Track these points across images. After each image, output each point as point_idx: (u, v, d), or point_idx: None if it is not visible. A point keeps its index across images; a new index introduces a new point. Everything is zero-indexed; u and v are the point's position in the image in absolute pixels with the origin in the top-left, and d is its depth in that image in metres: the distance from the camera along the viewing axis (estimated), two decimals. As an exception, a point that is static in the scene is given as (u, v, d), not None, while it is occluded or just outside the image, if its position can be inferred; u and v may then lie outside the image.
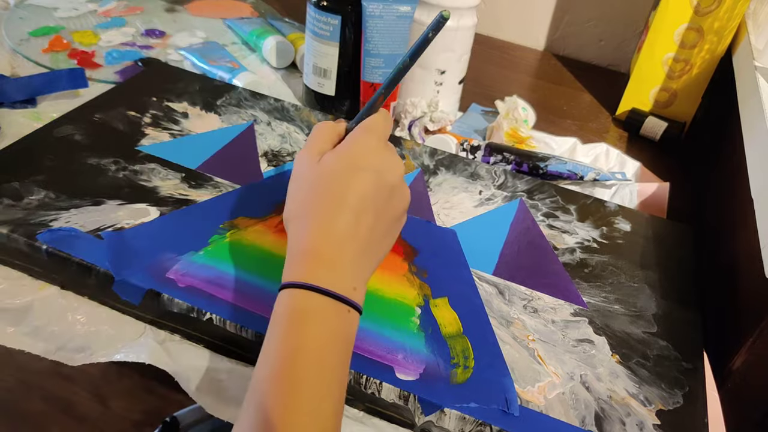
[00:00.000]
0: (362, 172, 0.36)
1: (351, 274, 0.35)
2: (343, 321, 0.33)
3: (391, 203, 0.37)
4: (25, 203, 0.47)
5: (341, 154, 0.37)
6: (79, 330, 0.43)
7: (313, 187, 0.36)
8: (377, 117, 0.39)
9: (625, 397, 0.40)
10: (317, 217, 0.35)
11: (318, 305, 0.33)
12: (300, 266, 0.34)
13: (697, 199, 0.69)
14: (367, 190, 0.36)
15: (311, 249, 0.34)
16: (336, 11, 0.62)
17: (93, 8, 0.86)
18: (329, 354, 0.32)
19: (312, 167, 0.37)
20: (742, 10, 0.70)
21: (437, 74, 0.67)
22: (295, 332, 0.32)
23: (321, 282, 0.33)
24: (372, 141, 0.38)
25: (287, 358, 0.31)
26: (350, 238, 0.35)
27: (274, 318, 0.33)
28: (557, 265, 0.50)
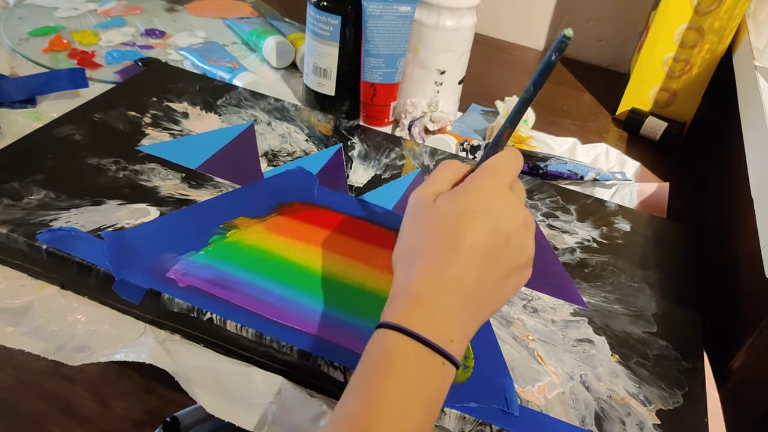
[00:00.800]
0: (476, 217, 0.34)
1: (451, 324, 0.33)
2: (433, 371, 0.32)
3: (506, 253, 0.35)
4: (25, 203, 0.47)
5: (457, 195, 0.35)
6: (79, 330, 0.43)
7: (423, 229, 0.35)
8: (501, 156, 0.37)
9: (625, 397, 0.40)
10: (424, 260, 0.34)
11: (409, 350, 0.31)
12: (399, 307, 0.33)
13: (697, 199, 0.69)
14: (479, 236, 0.34)
15: (413, 292, 0.33)
16: (336, 11, 0.62)
17: (93, 8, 0.86)
18: (414, 402, 0.30)
19: (426, 207, 0.35)
20: (742, 9, 0.70)
21: (437, 74, 0.67)
22: (381, 373, 0.31)
23: (417, 327, 0.32)
24: (492, 182, 0.35)
25: (368, 400, 0.30)
26: (456, 285, 0.33)
27: (364, 356, 0.32)
28: (557, 265, 0.50)
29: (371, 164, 0.59)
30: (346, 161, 0.59)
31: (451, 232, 0.34)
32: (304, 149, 0.59)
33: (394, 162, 0.60)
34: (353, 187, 0.55)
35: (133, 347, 0.42)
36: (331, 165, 0.58)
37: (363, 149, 0.61)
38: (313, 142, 0.60)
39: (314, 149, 0.59)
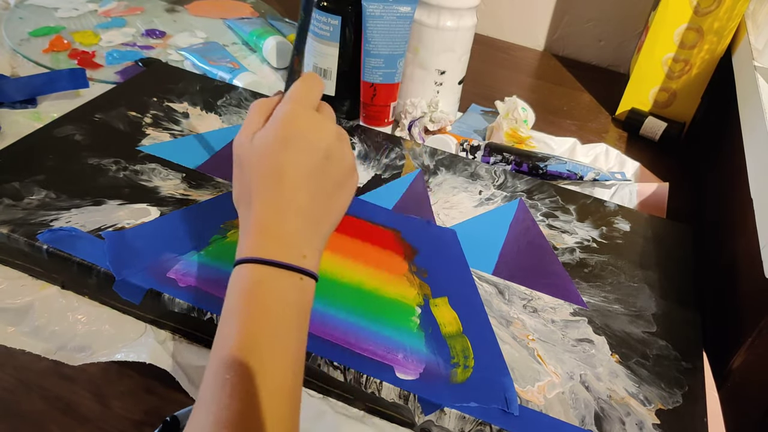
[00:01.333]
0: (290, 143, 0.36)
1: (299, 242, 0.35)
2: (295, 289, 0.34)
3: (329, 167, 0.37)
4: (25, 203, 0.47)
5: (268, 129, 0.37)
6: (80, 330, 0.43)
7: (250, 168, 0.37)
8: (297, 83, 0.39)
9: (625, 397, 0.41)
10: (258, 195, 0.36)
11: (268, 276, 0.34)
12: (247, 243, 0.35)
13: (697, 199, 0.69)
14: (297, 159, 0.36)
15: (257, 226, 0.35)
16: (336, 11, 0.62)
17: (93, 8, 0.86)
18: (284, 322, 0.33)
19: (245, 148, 0.38)
20: (741, 10, 0.70)
21: (437, 74, 0.67)
22: (248, 305, 0.33)
23: (269, 254, 0.34)
24: (295, 108, 0.38)
25: (243, 331, 0.32)
26: (292, 209, 0.36)
27: (227, 295, 0.34)
28: (557, 265, 0.51)
29: (371, 164, 0.59)
30: (346, 161, 0.59)
31: (273, 164, 0.36)
32: (304, 149, 0.59)
33: (394, 162, 0.60)
34: (353, 187, 0.55)
35: (134, 347, 0.42)
36: (331, 165, 0.58)
37: (363, 149, 0.61)
38: (313, 142, 0.60)
39: (314, 149, 0.59)
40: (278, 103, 0.39)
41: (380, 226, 0.51)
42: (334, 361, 0.40)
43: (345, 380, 0.40)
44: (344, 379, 0.40)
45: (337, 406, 0.41)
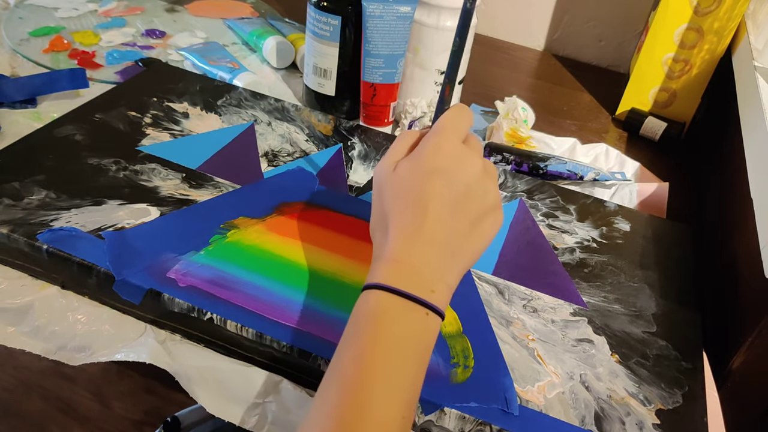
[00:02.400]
0: (434, 175, 0.36)
1: (430, 276, 0.34)
2: (418, 323, 0.33)
3: (470, 201, 0.37)
4: (25, 203, 0.47)
5: (413, 159, 0.37)
6: (80, 330, 0.43)
7: (390, 197, 0.37)
8: (447, 114, 0.39)
9: (625, 397, 0.41)
10: (395, 225, 0.36)
11: (392, 305, 0.33)
12: (379, 270, 0.34)
13: (697, 199, 0.69)
14: (440, 192, 0.36)
15: (390, 255, 0.35)
16: (336, 11, 0.62)
17: (93, 8, 0.86)
18: (400, 355, 0.32)
19: (387, 177, 0.37)
20: (741, 10, 0.70)
21: (437, 74, 0.67)
22: (369, 331, 0.32)
23: (397, 284, 0.33)
24: (442, 140, 0.37)
25: (357, 357, 0.31)
26: (429, 241, 0.35)
27: (351, 318, 0.34)
28: (557, 265, 0.51)
29: (371, 164, 0.59)
30: (346, 161, 0.59)
31: (415, 195, 0.36)
32: (304, 149, 0.59)
33: (394, 162, 0.60)
34: (353, 187, 0.55)
35: (134, 347, 0.42)
36: (331, 165, 0.58)
37: (363, 149, 0.61)
38: (314, 142, 0.60)
39: (314, 149, 0.59)
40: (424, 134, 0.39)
41: (380, 226, 0.51)
42: (334, 361, 0.39)
43: (345, 380, 0.40)
44: (344, 379, 0.40)
45: (337, 406, 0.41)
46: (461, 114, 0.39)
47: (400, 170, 0.37)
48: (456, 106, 0.40)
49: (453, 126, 0.38)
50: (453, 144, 0.37)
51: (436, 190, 0.36)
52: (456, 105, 0.40)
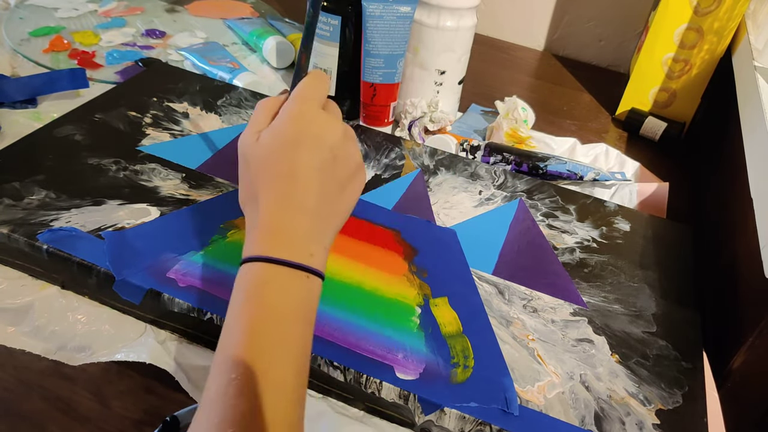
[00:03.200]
0: (297, 143, 0.36)
1: (306, 241, 0.35)
2: (302, 288, 0.34)
3: (336, 165, 0.37)
4: (25, 203, 0.47)
5: (275, 129, 0.37)
6: (80, 330, 0.43)
7: (257, 167, 0.37)
8: (304, 81, 0.39)
9: (625, 397, 0.41)
10: (265, 195, 0.36)
11: (275, 275, 0.34)
12: (255, 241, 0.35)
13: (697, 199, 0.69)
14: (305, 158, 0.36)
15: (264, 225, 0.35)
16: (336, 11, 0.62)
17: (93, 8, 0.86)
18: (289, 317, 0.33)
19: (252, 147, 0.37)
20: (741, 10, 0.70)
21: (437, 74, 0.67)
22: (254, 304, 0.33)
23: (276, 253, 0.34)
24: (302, 107, 0.38)
25: (248, 329, 0.32)
26: (299, 208, 0.36)
27: (234, 293, 0.34)
28: (557, 265, 0.51)
29: (371, 164, 0.59)
30: (346, 161, 0.59)
31: (281, 164, 0.36)
32: (304, 149, 0.59)
33: (394, 162, 0.60)
34: (353, 187, 0.55)
35: (134, 347, 0.42)
36: (331, 165, 0.58)
37: (363, 149, 0.61)
38: (313, 142, 0.60)
39: (314, 149, 0.59)
40: (284, 102, 0.39)
41: (380, 226, 0.51)
42: (334, 361, 0.40)
43: (345, 380, 0.40)
44: (344, 379, 0.40)
45: (337, 406, 0.41)
46: (318, 80, 0.39)
47: (264, 140, 0.37)
48: (312, 73, 0.40)
49: (311, 93, 0.38)
50: (313, 111, 0.38)
51: (303, 157, 0.36)
52: (312, 71, 0.40)
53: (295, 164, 0.36)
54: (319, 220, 0.36)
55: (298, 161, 0.36)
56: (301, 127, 0.37)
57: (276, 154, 0.36)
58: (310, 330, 0.34)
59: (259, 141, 0.37)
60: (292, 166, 0.36)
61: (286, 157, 0.36)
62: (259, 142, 0.37)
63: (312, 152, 0.36)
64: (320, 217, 0.37)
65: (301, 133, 0.37)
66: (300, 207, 0.36)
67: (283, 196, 0.36)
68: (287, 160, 0.36)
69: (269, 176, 0.36)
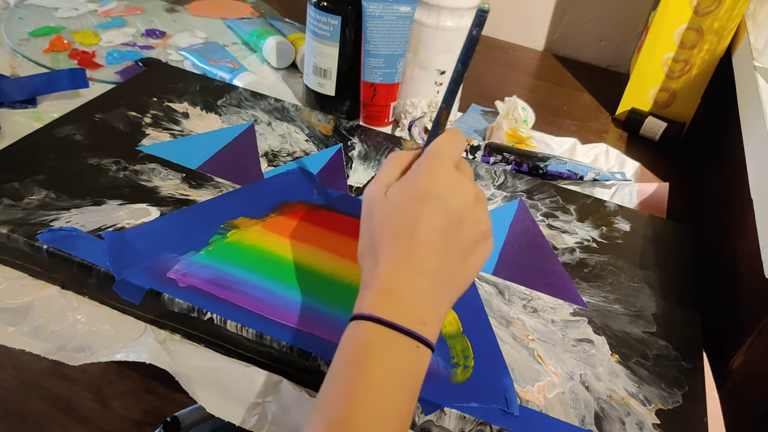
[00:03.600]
0: (426, 201, 0.35)
1: (421, 307, 0.33)
2: (409, 356, 0.32)
3: (462, 229, 0.36)
4: (25, 203, 0.47)
5: (405, 184, 0.36)
6: (80, 330, 0.43)
7: (380, 222, 0.36)
8: (441, 138, 0.37)
9: (625, 397, 0.41)
10: (385, 252, 0.35)
11: (382, 337, 0.32)
12: (368, 299, 0.33)
13: (697, 199, 0.69)
14: (429, 218, 0.34)
15: (380, 284, 0.34)
16: (336, 11, 0.62)
17: (93, 8, 0.86)
18: (391, 388, 0.31)
19: (379, 200, 0.36)
20: (741, 10, 0.70)
21: (437, 74, 0.67)
22: (357, 363, 0.31)
23: (387, 314, 0.32)
24: (436, 165, 0.36)
25: (347, 390, 0.30)
26: (420, 271, 0.34)
27: (339, 349, 0.33)
28: (557, 265, 0.51)
29: (371, 164, 0.59)
30: (346, 161, 0.59)
31: (406, 221, 0.35)
32: (304, 149, 0.59)
33: (394, 162, 0.60)
34: (353, 187, 0.55)
35: (134, 347, 0.42)
36: (331, 165, 0.58)
37: (363, 149, 0.61)
38: (313, 142, 0.60)
39: (314, 149, 0.59)
40: (416, 157, 0.38)
41: (380, 226, 0.51)
42: (334, 361, 0.39)
43: (345, 380, 0.40)
44: (344, 379, 0.40)
45: (337, 406, 0.41)
46: (455, 139, 0.38)
47: (392, 195, 0.36)
48: (450, 131, 0.38)
49: (447, 151, 0.37)
50: (446, 170, 0.36)
51: (429, 217, 0.34)
52: (450, 129, 0.39)
53: (418, 223, 0.34)
54: (438, 285, 0.34)
55: (423, 220, 0.34)
56: (431, 185, 0.35)
57: (402, 211, 0.35)
58: (413, 402, 0.32)
59: (387, 195, 0.36)
60: (417, 225, 0.34)
61: (412, 215, 0.35)
62: (387, 197, 0.36)
63: (438, 212, 0.35)
64: (439, 283, 0.35)
65: (430, 192, 0.35)
66: (419, 269, 0.34)
67: (404, 255, 0.34)
68: (412, 218, 0.35)
69: (392, 233, 0.35)
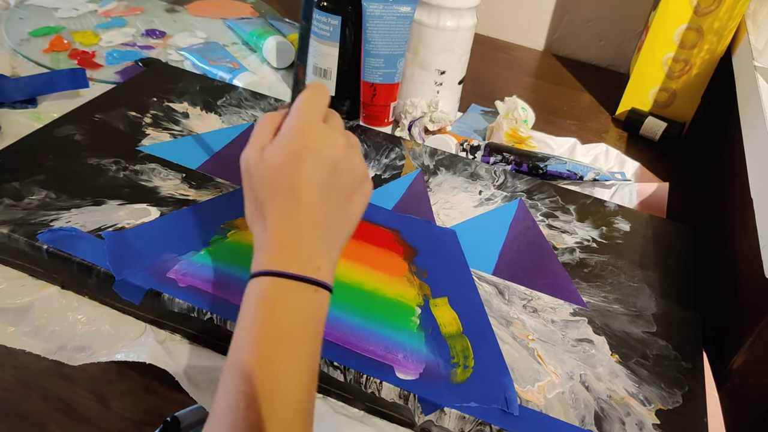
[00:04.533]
0: (299, 159, 0.36)
1: (313, 255, 0.36)
2: (310, 301, 0.35)
3: (339, 177, 0.38)
4: (25, 203, 0.47)
5: (279, 144, 0.37)
6: (80, 330, 0.43)
7: (260, 184, 0.37)
8: (304, 95, 0.39)
9: (625, 397, 0.41)
10: (272, 212, 0.36)
11: (283, 289, 0.34)
12: (263, 257, 0.36)
13: (697, 199, 0.69)
14: (307, 174, 0.36)
15: (272, 241, 0.36)
16: (336, 11, 0.62)
17: (93, 8, 0.86)
18: (298, 333, 0.33)
19: (256, 163, 0.38)
20: (741, 10, 0.70)
21: (437, 74, 0.67)
22: (263, 318, 0.33)
23: (283, 267, 0.34)
24: (304, 122, 0.38)
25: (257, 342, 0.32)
26: (305, 223, 0.36)
27: (242, 308, 0.35)
28: (557, 265, 0.51)
29: (371, 164, 0.59)
30: (346, 161, 0.59)
31: (286, 180, 0.36)
32: (304, 149, 0.59)
33: (394, 162, 0.60)
34: (353, 187, 0.55)
35: (134, 347, 0.42)
36: (331, 165, 0.58)
37: (363, 149, 0.61)
38: (313, 142, 0.60)
39: (314, 149, 0.59)
40: (286, 116, 0.39)
41: (380, 226, 0.51)
42: (334, 361, 0.40)
43: (345, 380, 0.40)
44: (344, 379, 0.40)
45: (337, 406, 0.41)
46: (317, 93, 0.39)
47: (268, 156, 0.37)
48: (311, 85, 0.40)
49: (311, 106, 0.38)
50: (314, 124, 0.38)
51: (306, 172, 0.36)
52: (310, 84, 0.40)
53: (297, 180, 0.36)
54: (326, 232, 0.37)
55: (300, 177, 0.36)
56: (302, 141, 0.37)
57: (279, 171, 0.37)
58: (318, 343, 0.35)
59: (263, 157, 0.37)
60: (295, 183, 0.36)
61: (289, 173, 0.36)
62: (263, 159, 0.37)
63: (314, 167, 0.36)
64: (327, 230, 0.37)
65: (302, 148, 0.37)
66: (306, 222, 0.36)
67: (288, 212, 0.36)
68: (290, 177, 0.36)
69: (274, 193, 0.37)
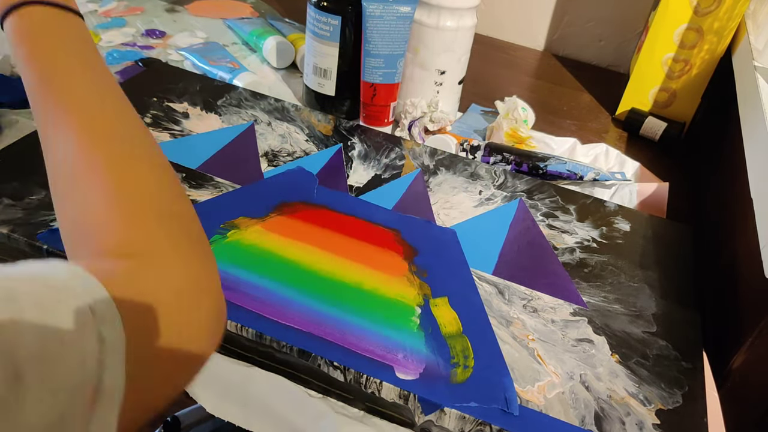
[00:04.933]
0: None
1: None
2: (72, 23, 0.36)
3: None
4: (25, 203, 0.47)
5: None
6: (80, 330, 0.43)
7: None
8: None
9: (625, 397, 0.41)
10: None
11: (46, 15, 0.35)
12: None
13: (697, 199, 0.69)
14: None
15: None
16: (336, 11, 0.62)
17: (93, 8, 0.86)
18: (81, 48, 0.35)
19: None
20: (741, 10, 0.70)
21: (437, 74, 0.67)
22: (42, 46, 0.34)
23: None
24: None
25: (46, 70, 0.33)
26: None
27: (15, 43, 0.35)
28: (557, 265, 0.51)
29: (371, 164, 0.59)
30: (346, 161, 0.59)
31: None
32: (304, 149, 0.59)
33: (394, 162, 0.60)
34: (353, 187, 0.55)
35: (134, 347, 0.42)
36: (331, 165, 0.58)
37: (363, 149, 0.61)
38: (313, 142, 0.60)
39: (314, 149, 0.59)
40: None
41: (380, 226, 0.51)
42: (334, 361, 0.40)
43: (345, 380, 0.40)
44: (344, 379, 0.40)
45: (337, 406, 0.41)
46: None
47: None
48: None
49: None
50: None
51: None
52: None
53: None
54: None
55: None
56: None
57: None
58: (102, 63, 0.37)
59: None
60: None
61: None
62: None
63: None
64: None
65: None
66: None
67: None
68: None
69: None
